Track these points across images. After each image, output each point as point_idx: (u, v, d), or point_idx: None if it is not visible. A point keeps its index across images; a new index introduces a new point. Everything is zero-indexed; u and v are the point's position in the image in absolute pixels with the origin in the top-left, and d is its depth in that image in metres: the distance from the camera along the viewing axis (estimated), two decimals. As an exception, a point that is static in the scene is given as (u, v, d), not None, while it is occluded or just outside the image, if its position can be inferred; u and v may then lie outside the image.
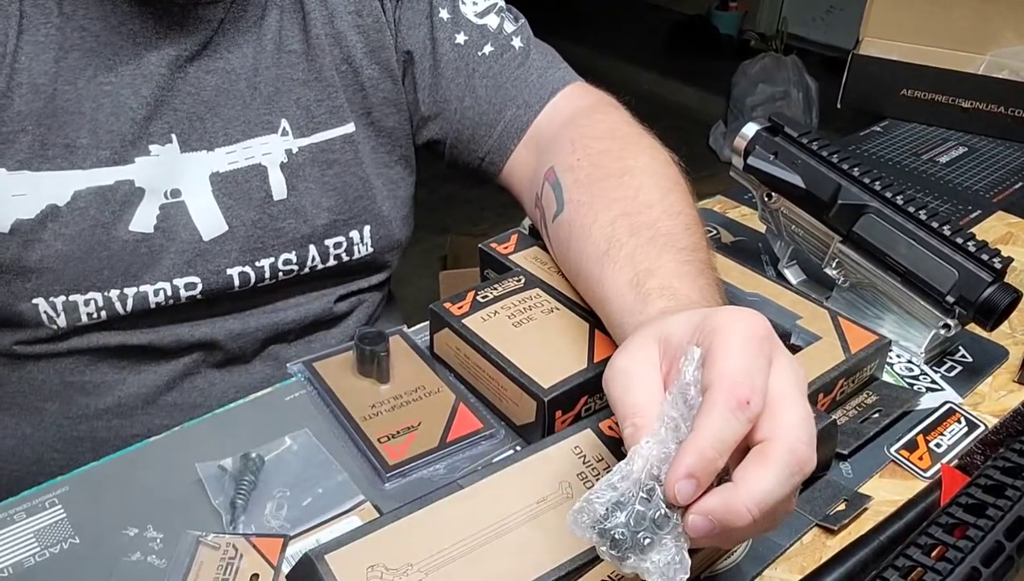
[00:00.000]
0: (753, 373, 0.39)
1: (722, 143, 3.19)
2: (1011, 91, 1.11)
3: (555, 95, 0.74)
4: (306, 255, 0.74)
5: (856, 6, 1.27)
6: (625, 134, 0.70)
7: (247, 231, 0.70)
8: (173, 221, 0.67)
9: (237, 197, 0.69)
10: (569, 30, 4.06)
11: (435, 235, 2.60)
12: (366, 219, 0.76)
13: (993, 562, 0.42)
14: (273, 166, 0.70)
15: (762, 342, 0.40)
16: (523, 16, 0.78)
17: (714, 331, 0.40)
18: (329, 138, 0.72)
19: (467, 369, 0.63)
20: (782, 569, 0.52)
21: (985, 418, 0.64)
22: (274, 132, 0.70)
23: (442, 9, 0.74)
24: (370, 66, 0.73)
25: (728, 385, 0.38)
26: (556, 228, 0.66)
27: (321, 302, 0.78)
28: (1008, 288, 0.65)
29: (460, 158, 0.78)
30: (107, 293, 0.66)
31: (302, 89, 0.70)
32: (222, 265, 0.69)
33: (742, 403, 0.38)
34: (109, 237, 0.65)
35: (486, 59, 0.74)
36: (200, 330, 0.72)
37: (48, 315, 0.65)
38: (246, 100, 0.68)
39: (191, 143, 0.67)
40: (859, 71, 1.20)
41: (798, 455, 0.38)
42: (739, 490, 0.37)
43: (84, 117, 0.62)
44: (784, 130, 0.73)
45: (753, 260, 0.82)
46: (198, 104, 0.66)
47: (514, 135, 0.74)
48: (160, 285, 0.67)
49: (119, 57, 0.63)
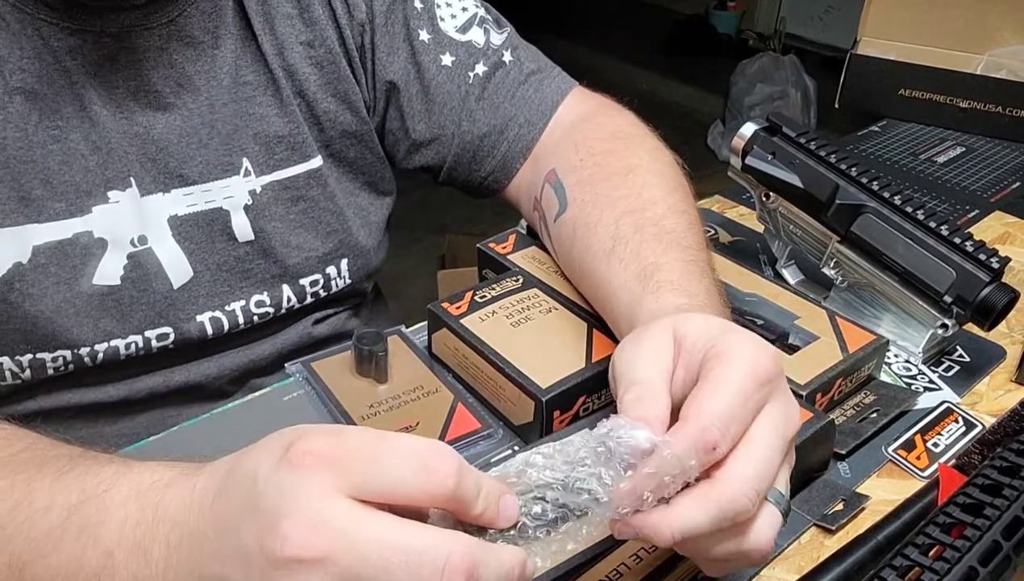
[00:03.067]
0: (733, 418, 0.38)
1: (720, 143, 3.19)
2: (1009, 91, 1.11)
3: (556, 108, 0.73)
4: (280, 296, 0.71)
5: (854, 6, 1.27)
6: (629, 135, 0.70)
7: (212, 275, 0.67)
8: (143, 270, 0.64)
9: (199, 241, 0.66)
10: (567, 30, 4.07)
11: (433, 235, 2.60)
12: (343, 253, 0.73)
13: (991, 561, 0.42)
14: (236, 210, 0.66)
15: (760, 386, 0.40)
16: (506, 20, 0.76)
17: (719, 357, 0.40)
18: (293, 175, 0.69)
19: (465, 369, 0.63)
20: (780, 569, 0.52)
21: (983, 418, 0.64)
22: (236, 173, 0.66)
23: (421, 31, 0.70)
24: (326, 99, 0.69)
25: (702, 425, 0.38)
26: (559, 227, 0.66)
27: (297, 330, 0.75)
28: (1006, 288, 0.65)
29: (459, 178, 0.76)
30: (77, 351, 0.63)
31: (261, 124, 0.66)
32: (191, 312, 0.67)
33: (708, 447, 0.38)
34: (73, 293, 0.61)
35: (480, 80, 0.72)
36: (175, 378, 0.69)
37: (12, 372, 0.62)
38: (202, 139, 0.64)
39: (147, 186, 0.63)
40: (857, 71, 1.20)
41: (735, 505, 0.38)
42: (667, 513, 0.38)
43: (36, 166, 0.58)
44: (782, 130, 0.73)
45: (751, 260, 0.82)
46: (148, 144, 0.62)
47: (519, 154, 0.73)
48: (131, 339, 0.65)
49: (61, 99, 0.58)
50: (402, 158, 0.76)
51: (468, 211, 2.78)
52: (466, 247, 2.21)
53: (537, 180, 0.70)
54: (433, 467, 0.33)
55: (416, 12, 0.71)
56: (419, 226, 2.65)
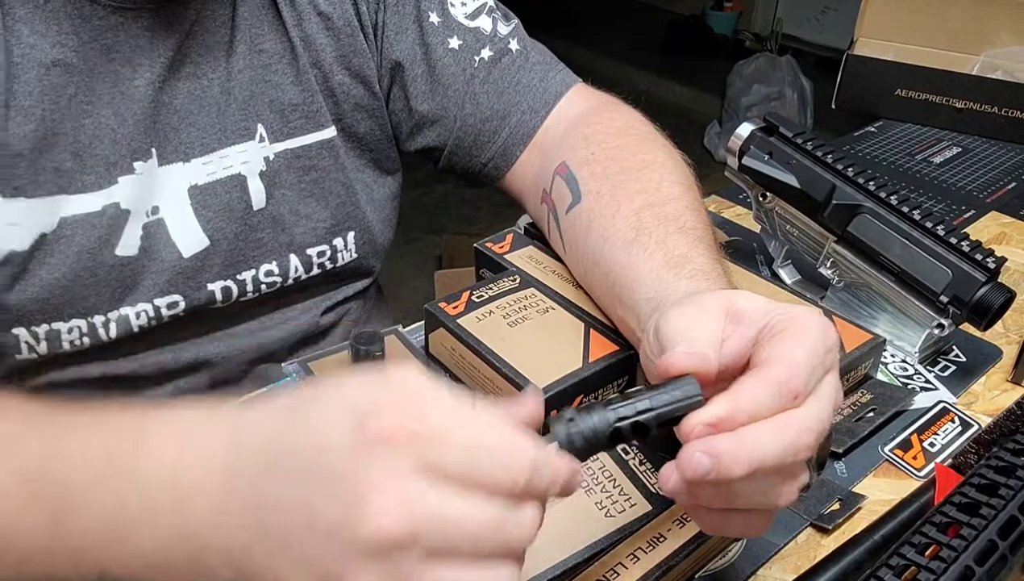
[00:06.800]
0: (813, 373, 0.39)
1: (717, 143, 3.20)
2: (1005, 91, 1.12)
3: (560, 98, 0.73)
4: (287, 266, 0.72)
5: (851, 6, 1.28)
6: (640, 132, 0.70)
7: (229, 244, 0.68)
8: (154, 240, 0.64)
9: (217, 209, 0.66)
10: (565, 30, 4.07)
11: (431, 235, 2.60)
12: (350, 225, 0.74)
13: (987, 561, 0.42)
14: (252, 175, 0.68)
15: (828, 352, 0.40)
16: (514, 15, 0.77)
17: (792, 320, 0.40)
18: (306, 144, 0.70)
19: (462, 369, 0.63)
20: (777, 568, 0.52)
21: (979, 417, 0.64)
22: (251, 139, 0.67)
23: (431, 13, 0.72)
24: (340, 72, 0.70)
25: (788, 373, 0.38)
26: (571, 218, 0.65)
27: (307, 316, 0.76)
28: (1002, 288, 0.65)
29: (459, 164, 0.76)
30: (90, 319, 0.63)
31: (276, 92, 0.68)
32: (203, 281, 0.67)
33: (791, 394, 0.38)
34: (95, 263, 0.62)
35: (485, 64, 0.73)
36: (185, 355, 0.70)
37: (28, 344, 0.62)
38: (220, 107, 0.65)
39: (167, 156, 0.64)
40: (854, 71, 1.20)
41: (804, 439, 0.38)
42: (741, 439, 0.37)
43: (67, 139, 0.59)
44: (779, 130, 0.73)
45: (748, 260, 0.82)
46: (171, 114, 0.63)
47: (520, 141, 0.73)
48: (141, 306, 0.65)
49: (95, 75, 0.60)
50: (405, 139, 0.77)
51: (465, 211, 2.79)
52: (463, 247, 2.21)
53: (545, 173, 0.70)
54: (506, 463, 0.33)
55: None
56: (416, 226, 2.65)
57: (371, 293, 0.85)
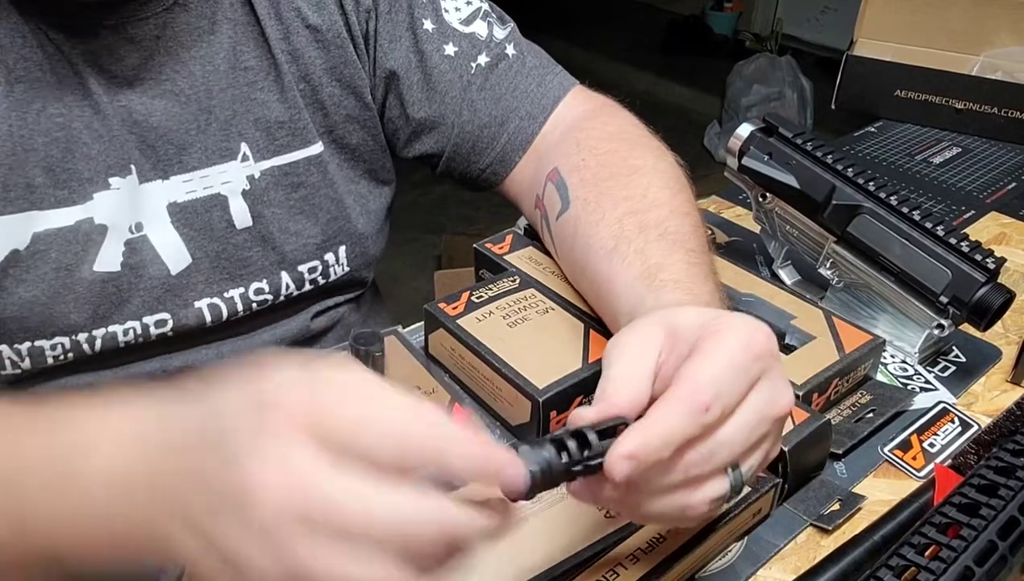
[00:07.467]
0: (722, 383, 0.39)
1: (717, 143, 3.20)
2: (1004, 92, 1.12)
3: (558, 104, 0.73)
4: (278, 283, 0.71)
5: (850, 7, 1.28)
6: (632, 136, 0.70)
7: (211, 262, 0.67)
8: (140, 257, 0.64)
9: (198, 228, 0.66)
10: (564, 30, 4.07)
11: (430, 235, 2.60)
12: (341, 240, 0.73)
13: (986, 561, 0.42)
14: (234, 195, 0.66)
15: (753, 360, 0.40)
16: (510, 18, 0.76)
17: (714, 333, 0.41)
18: (293, 161, 0.69)
19: (462, 370, 0.63)
20: (776, 569, 0.52)
21: (978, 418, 0.64)
22: (232, 159, 0.66)
23: (425, 20, 0.71)
24: (331, 84, 0.69)
25: (692, 387, 0.38)
26: (560, 226, 0.66)
27: (297, 321, 0.75)
28: (1001, 288, 0.65)
29: (457, 169, 0.76)
30: (75, 337, 0.63)
31: (262, 109, 0.66)
32: (189, 298, 0.67)
33: (700, 408, 0.38)
34: (73, 280, 0.61)
35: (482, 70, 0.72)
36: (172, 363, 0.69)
37: (12, 361, 0.62)
38: (200, 125, 0.64)
39: (146, 173, 0.63)
40: (853, 72, 1.20)
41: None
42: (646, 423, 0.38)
43: (38, 154, 0.58)
44: (778, 131, 0.73)
45: (748, 260, 0.82)
46: (148, 132, 0.62)
47: (518, 147, 0.73)
48: (129, 324, 0.65)
49: (64, 87, 0.59)
50: (402, 146, 0.76)
51: (465, 211, 2.79)
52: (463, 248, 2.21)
53: (539, 178, 0.70)
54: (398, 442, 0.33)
55: (421, 2, 0.71)
56: (416, 227, 2.65)
57: (366, 297, 0.84)
